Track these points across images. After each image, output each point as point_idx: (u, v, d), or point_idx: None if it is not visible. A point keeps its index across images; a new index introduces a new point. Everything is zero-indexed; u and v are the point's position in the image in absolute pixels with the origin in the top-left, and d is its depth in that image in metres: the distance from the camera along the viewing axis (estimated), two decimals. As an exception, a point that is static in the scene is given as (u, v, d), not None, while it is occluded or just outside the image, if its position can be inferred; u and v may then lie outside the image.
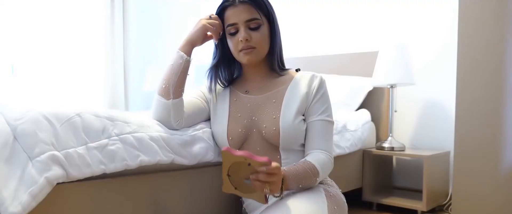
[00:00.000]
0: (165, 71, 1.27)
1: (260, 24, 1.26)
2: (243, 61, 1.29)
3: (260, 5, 1.26)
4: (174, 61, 1.26)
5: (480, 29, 1.66)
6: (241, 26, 1.25)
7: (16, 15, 3.33)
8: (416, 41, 2.69)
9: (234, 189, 1.07)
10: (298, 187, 1.16)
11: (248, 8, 1.24)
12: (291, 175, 1.12)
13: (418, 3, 2.69)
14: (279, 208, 1.08)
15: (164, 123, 1.24)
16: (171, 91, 1.23)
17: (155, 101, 1.26)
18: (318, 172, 1.19)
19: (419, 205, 2.24)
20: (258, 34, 1.26)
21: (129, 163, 1.07)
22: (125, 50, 4.00)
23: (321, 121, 1.27)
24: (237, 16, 1.25)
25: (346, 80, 2.70)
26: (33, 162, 0.90)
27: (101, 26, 3.86)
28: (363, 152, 2.45)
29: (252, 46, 1.26)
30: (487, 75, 1.64)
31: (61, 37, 3.61)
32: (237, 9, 1.25)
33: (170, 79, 1.24)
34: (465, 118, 1.69)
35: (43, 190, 0.89)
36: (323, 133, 1.27)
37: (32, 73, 3.44)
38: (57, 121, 0.97)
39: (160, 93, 1.25)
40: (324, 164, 1.23)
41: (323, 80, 1.33)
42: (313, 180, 1.18)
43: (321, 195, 1.17)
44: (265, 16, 1.28)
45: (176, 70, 1.25)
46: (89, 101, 3.78)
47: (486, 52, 1.65)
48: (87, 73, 3.80)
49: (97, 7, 3.83)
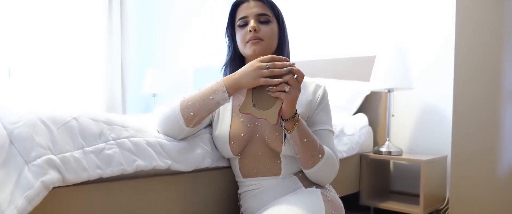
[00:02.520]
0: (199, 100, 1.16)
1: (270, 20, 1.29)
2: (249, 52, 1.27)
3: (272, 5, 1.32)
4: (216, 97, 1.15)
5: (477, 34, 1.66)
6: (251, 19, 1.28)
7: (13, 17, 3.32)
8: (414, 46, 2.70)
9: (251, 107, 1.10)
10: (302, 141, 1.15)
11: (260, 4, 1.29)
12: (302, 125, 1.15)
13: (415, 8, 2.70)
14: (276, 212, 1.08)
15: (171, 137, 1.21)
16: (195, 121, 1.18)
17: (172, 120, 1.18)
18: (324, 151, 1.20)
19: (417, 210, 2.24)
20: (267, 28, 1.28)
21: (126, 167, 1.06)
22: (122, 53, 4.00)
23: (324, 130, 1.29)
24: (248, 10, 1.29)
25: (343, 84, 2.70)
26: (29, 166, 0.89)
27: (99, 28, 3.86)
28: (361, 156, 2.45)
29: (260, 37, 1.27)
30: (484, 80, 1.65)
31: (59, 40, 3.61)
32: (248, 4, 1.30)
33: (202, 112, 1.16)
34: (462, 122, 1.70)
35: (39, 194, 0.88)
36: (328, 140, 1.28)
37: (29, 75, 3.43)
38: (53, 124, 0.96)
39: (183, 117, 1.16)
40: (332, 157, 1.23)
41: (326, 90, 1.35)
42: (316, 152, 1.18)
43: (318, 199, 1.16)
44: (276, 16, 1.32)
45: (212, 107, 1.16)
46: (87, 104, 3.77)
47: (483, 57, 1.65)
48: (84, 75, 3.79)
49: (95, 9, 3.84)
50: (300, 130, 1.15)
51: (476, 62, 1.66)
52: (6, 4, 3.26)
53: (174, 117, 1.18)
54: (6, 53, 3.29)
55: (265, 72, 1.09)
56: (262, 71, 1.10)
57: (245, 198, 1.31)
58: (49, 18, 3.54)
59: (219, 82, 1.17)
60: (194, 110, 1.15)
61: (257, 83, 1.10)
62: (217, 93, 1.15)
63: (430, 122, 2.64)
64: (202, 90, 1.18)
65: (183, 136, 1.23)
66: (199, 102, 1.16)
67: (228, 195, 1.39)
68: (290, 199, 1.15)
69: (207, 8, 3.87)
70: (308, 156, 1.19)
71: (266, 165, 1.26)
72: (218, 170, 1.35)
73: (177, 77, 4.08)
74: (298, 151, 1.19)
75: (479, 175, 1.65)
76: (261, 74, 1.10)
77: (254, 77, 1.10)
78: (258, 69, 1.10)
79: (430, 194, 2.29)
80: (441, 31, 2.60)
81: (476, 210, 1.66)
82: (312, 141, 1.18)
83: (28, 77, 3.42)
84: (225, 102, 1.17)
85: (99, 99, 3.86)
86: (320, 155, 1.19)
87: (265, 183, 1.26)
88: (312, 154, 1.18)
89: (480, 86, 1.65)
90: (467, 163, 1.68)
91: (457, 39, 1.71)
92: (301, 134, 1.15)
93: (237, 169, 1.31)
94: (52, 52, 3.57)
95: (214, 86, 1.17)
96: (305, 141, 1.16)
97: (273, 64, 1.10)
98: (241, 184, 1.33)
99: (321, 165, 1.20)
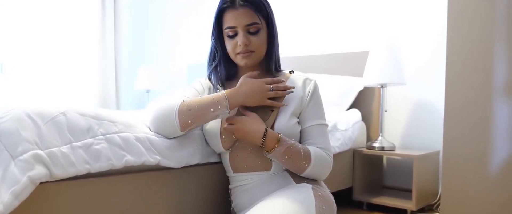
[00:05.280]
0: (199, 109, 1.17)
1: (259, 28, 1.25)
2: (241, 64, 1.29)
3: (260, 8, 1.25)
4: (217, 111, 1.18)
5: (469, 30, 1.67)
6: (241, 31, 1.24)
7: (7, 13, 3.29)
8: (407, 41, 2.70)
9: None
10: (284, 158, 1.19)
11: (248, 12, 1.22)
12: (284, 141, 1.18)
13: (409, 3, 2.70)
14: (266, 207, 1.08)
15: (162, 136, 1.21)
16: (190, 128, 1.19)
17: (167, 121, 1.17)
18: (310, 158, 1.20)
19: (409, 205, 2.25)
20: (257, 39, 1.25)
21: (115, 163, 1.05)
22: (116, 49, 3.97)
23: (317, 125, 1.29)
24: (237, 20, 1.23)
25: (337, 80, 2.70)
26: (16, 161, 0.88)
27: (93, 24, 3.83)
28: (354, 152, 2.45)
29: (251, 50, 1.26)
30: (476, 77, 1.65)
31: (51, 36, 3.58)
32: (237, 12, 1.22)
33: (199, 121, 1.18)
34: (454, 118, 1.70)
35: (25, 189, 0.87)
36: (321, 136, 1.28)
37: (22, 72, 3.40)
38: (40, 119, 0.95)
39: (180, 122, 1.17)
40: (321, 157, 1.23)
41: (316, 84, 1.34)
42: (302, 162, 1.19)
43: (309, 195, 1.16)
44: (264, 19, 1.27)
45: (210, 118, 1.20)
46: (80, 100, 3.75)
47: (475, 53, 1.65)
48: (78, 72, 3.77)
49: (88, 5, 3.81)
50: (281, 150, 1.17)
51: (468, 59, 1.67)
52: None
53: (170, 118, 1.17)
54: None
55: (270, 94, 1.22)
56: (268, 93, 1.22)
57: (236, 193, 1.30)
58: (43, 14, 3.51)
59: (222, 96, 1.19)
60: (192, 118, 1.17)
61: (263, 104, 1.22)
62: (219, 108, 1.18)
63: (423, 117, 2.64)
64: (203, 100, 1.19)
65: (174, 137, 1.23)
66: (198, 111, 1.17)
67: (219, 190, 1.39)
68: (280, 195, 1.15)
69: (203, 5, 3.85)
70: (293, 167, 1.22)
71: (257, 160, 1.25)
72: (209, 166, 1.35)
73: (171, 73, 4.06)
74: (283, 165, 1.23)
75: (471, 171, 1.66)
76: (267, 96, 1.22)
77: (262, 99, 1.21)
78: (265, 92, 1.21)
79: (423, 189, 2.30)
80: (435, 27, 2.60)
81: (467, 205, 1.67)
82: (294, 155, 1.19)
83: (21, 74, 3.40)
84: (223, 116, 1.22)
85: (93, 96, 3.84)
86: (307, 164, 1.20)
87: (255, 178, 1.26)
88: (297, 165, 1.20)
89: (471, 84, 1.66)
90: (458, 158, 1.69)
91: (449, 36, 1.71)
92: (281, 154, 1.18)
93: (227, 164, 1.31)
94: (45, 49, 3.54)
95: (216, 99, 1.19)
96: (286, 157, 1.19)
97: (276, 86, 1.22)
98: (232, 179, 1.33)
99: (309, 170, 1.22)
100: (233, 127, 1.21)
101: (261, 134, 1.18)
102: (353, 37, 2.93)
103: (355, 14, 2.93)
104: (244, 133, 1.19)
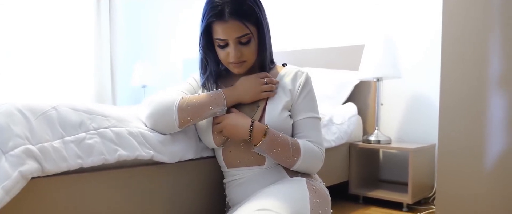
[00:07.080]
0: (198, 106, 1.20)
1: (250, 38, 1.21)
2: (234, 71, 1.28)
3: (249, 17, 1.18)
4: (215, 109, 1.21)
5: (465, 24, 1.66)
6: (232, 43, 1.20)
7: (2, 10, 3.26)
8: (403, 35, 2.70)
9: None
10: (272, 152, 1.19)
11: (237, 24, 1.17)
12: (272, 133, 1.18)
13: (404, -4, 2.69)
14: (260, 201, 1.08)
15: (158, 132, 1.21)
16: (188, 125, 1.21)
17: (166, 117, 1.18)
18: (299, 152, 1.19)
19: (405, 198, 2.26)
20: (248, 49, 1.22)
21: (107, 157, 1.05)
22: (111, 45, 3.95)
23: (309, 118, 1.27)
24: (227, 33, 1.18)
25: (332, 74, 2.70)
26: (7, 156, 0.87)
27: (87, 21, 3.81)
28: (350, 145, 2.45)
29: (243, 60, 1.24)
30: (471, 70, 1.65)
31: (46, 32, 3.56)
32: (226, 25, 1.17)
33: (197, 118, 1.21)
34: (449, 111, 1.70)
35: (17, 185, 0.87)
36: (313, 129, 1.27)
37: (17, 68, 3.38)
38: (31, 114, 0.94)
39: (179, 118, 1.18)
40: (312, 151, 1.22)
41: (308, 76, 1.32)
42: (290, 155, 1.19)
43: (303, 188, 1.16)
44: (255, 24, 1.22)
45: (208, 116, 1.22)
46: (76, 96, 3.74)
47: (470, 47, 1.65)
48: (73, 68, 3.75)
49: (83, 1, 3.78)
50: (268, 142, 1.17)
51: (463, 53, 1.66)
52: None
53: (169, 115, 1.18)
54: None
55: (265, 87, 1.25)
56: (263, 87, 1.25)
57: (230, 188, 1.30)
58: (37, 9, 3.48)
59: (220, 95, 1.22)
60: (191, 115, 1.19)
61: (259, 98, 1.26)
62: (217, 105, 1.21)
63: (419, 110, 2.65)
64: (202, 98, 1.21)
65: (169, 133, 1.23)
66: (197, 108, 1.19)
67: (213, 185, 1.38)
68: (274, 189, 1.14)
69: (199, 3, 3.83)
70: (282, 161, 1.22)
71: (250, 155, 1.25)
72: (203, 160, 1.35)
73: (167, 69, 4.05)
74: (272, 159, 1.23)
75: (466, 164, 1.66)
76: (262, 89, 1.25)
77: (257, 93, 1.25)
78: (259, 86, 1.25)
79: (418, 183, 2.30)
80: (431, 21, 2.59)
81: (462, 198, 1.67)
82: (282, 148, 1.18)
83: (16, 71, 3.38)
84: (221, 114, 1.24)
85: (89, 92, 3.82)
86: (296, 157, 1.20)
87: (249, 172, 1.26)
88: (286, 159, 1.20)
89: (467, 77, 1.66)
90: (454, 151, 1.69)
91: (445, 29, 1.70)
92: (268, 146, 1.18)
93: (221, 159, 1.31)
94: (40, 44, 3.52)
95: (214, 97, 1.22)
96: (274, 151, 1.18)
97: (270, 80, 1.27)
98: (226, 173, 1.33)
99: (300, 164, 1.21)
100: (220, 124, 1.22)
101: (247, 126, 1.18)
102: (349, 31, 2.92)
103: (350, 8, 2.92)
104: (232, 128, 1.20)
